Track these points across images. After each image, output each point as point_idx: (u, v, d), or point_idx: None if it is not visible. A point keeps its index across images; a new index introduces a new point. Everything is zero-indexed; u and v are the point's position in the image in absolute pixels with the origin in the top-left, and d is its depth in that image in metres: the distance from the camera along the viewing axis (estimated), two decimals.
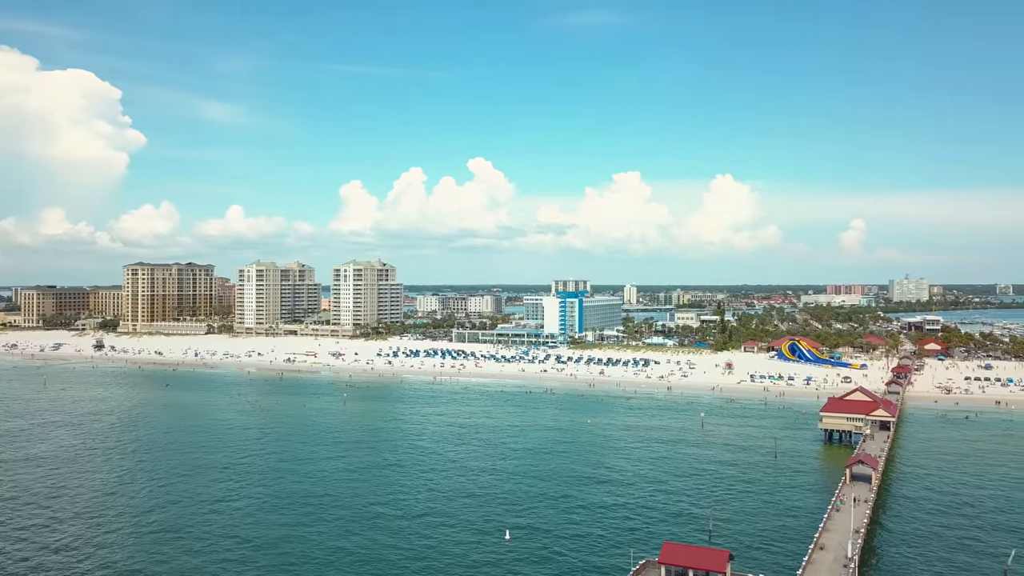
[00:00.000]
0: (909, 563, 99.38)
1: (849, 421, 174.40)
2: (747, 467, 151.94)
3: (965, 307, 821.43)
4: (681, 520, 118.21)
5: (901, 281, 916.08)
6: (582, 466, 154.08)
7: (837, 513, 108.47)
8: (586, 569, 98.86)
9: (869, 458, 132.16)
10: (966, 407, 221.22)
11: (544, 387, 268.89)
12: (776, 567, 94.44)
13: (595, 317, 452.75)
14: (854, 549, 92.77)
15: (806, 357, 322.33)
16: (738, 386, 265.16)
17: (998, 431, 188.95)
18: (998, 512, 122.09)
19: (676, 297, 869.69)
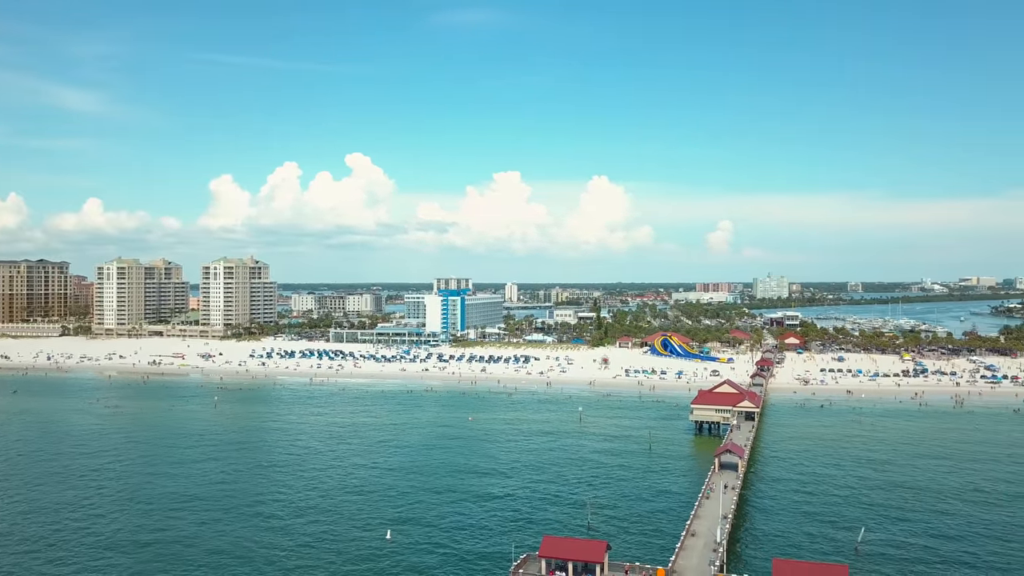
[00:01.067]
0: (773, 543, 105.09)
1: (717, 412, 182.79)
2: (623, 459, 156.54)
3: (821, 303, 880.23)
4: (561, 513, 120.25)
5: (764, 279, 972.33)
6: (463, 461, 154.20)
7: (707, 500, 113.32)
8: (467, 565, 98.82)
9: (736, 447, 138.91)
10: (822, 397, 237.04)
11: (426, 386, 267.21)
12: (651, 555, 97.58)
13: (477, 315, 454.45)
14: (723, 534, 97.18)
15: (677, 352, 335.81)
16: (614, 381, 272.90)
17: (849, 418, 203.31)
18: (850, 492, 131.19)
19: (555, 295, 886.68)
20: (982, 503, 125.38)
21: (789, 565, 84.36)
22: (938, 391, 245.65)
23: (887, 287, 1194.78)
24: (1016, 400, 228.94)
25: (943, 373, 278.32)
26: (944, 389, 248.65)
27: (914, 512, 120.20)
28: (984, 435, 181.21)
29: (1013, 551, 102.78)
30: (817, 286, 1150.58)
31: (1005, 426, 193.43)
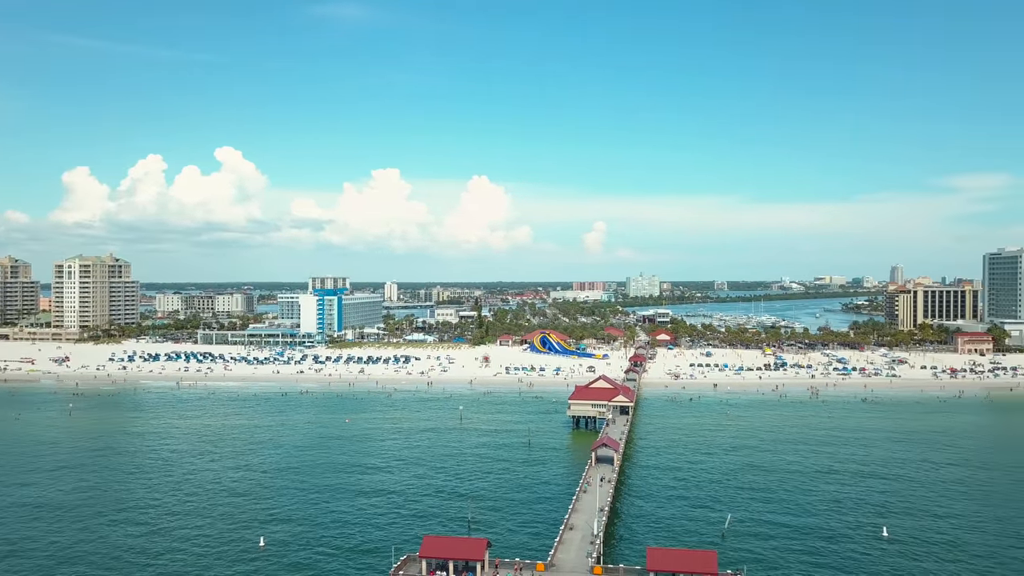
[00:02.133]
0: (647, 532, 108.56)
1: (594, 407, 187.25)
2: (504, 456, 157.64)
3: (690, 301, 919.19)
4: (442, 512, 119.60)
5: (637, 278, 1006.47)
6: (341, 463, 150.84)
7: (584, 494, 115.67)
8: (346, 568, 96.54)
9: (611, 441, 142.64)
10: (691, 390, 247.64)
11: (301, 388, 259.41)
12: (531, 550, 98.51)
13: (355, 315, 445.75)
14: (599, 526, 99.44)
15: (556, 349, 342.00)
16: (494, 379, 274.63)
17: (716, 410, 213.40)
18: (719, 479, 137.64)
19: (436, 294, 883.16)
20: (836, 482, 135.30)
21: (662, 553, 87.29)
22: (796, 383, 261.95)
23: (750, 286, 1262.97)
24: (864, 390, 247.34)
25: (800, 366, 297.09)
26: (801, 381, 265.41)
27: (776, 494, 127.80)
28: (836, 422, 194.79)
29: (862, 522, 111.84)
30: (686, 285, 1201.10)
31: (854, 414, 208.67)
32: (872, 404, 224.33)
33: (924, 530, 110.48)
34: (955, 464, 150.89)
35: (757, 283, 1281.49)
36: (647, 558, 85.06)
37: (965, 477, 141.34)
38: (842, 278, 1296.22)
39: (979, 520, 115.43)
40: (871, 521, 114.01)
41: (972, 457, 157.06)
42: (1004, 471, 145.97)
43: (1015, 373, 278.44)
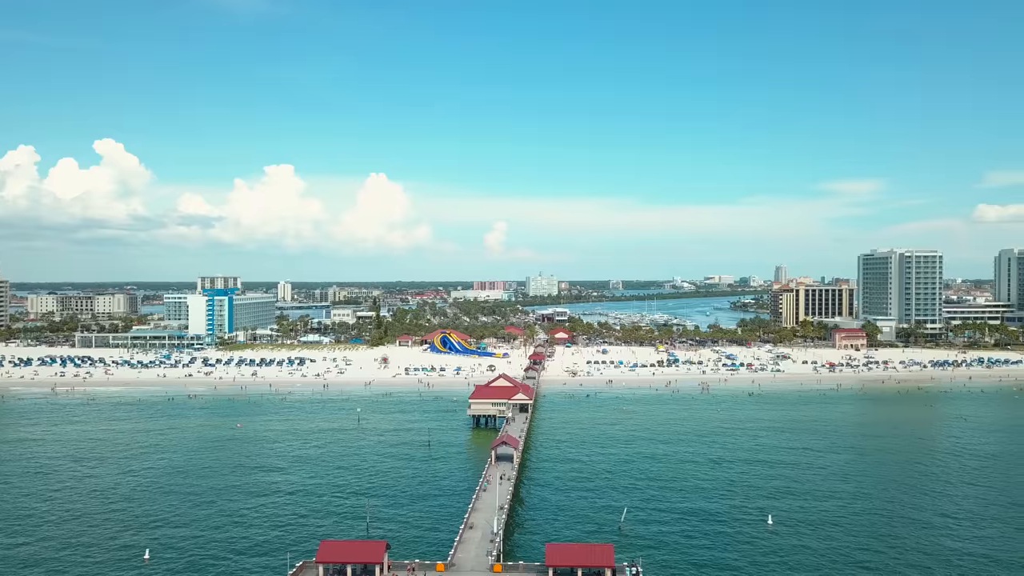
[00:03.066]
0: (546, 528, 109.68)
1: (494, 406, 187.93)
2: (403, 457, 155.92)
3: (587, 300, 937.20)
4: (340, 515, 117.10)
5: (536, 278, 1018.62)
6: (233, 469, 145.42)
7: (484, 492, 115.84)
8: (241, 575, 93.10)
9: (511, 439, 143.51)
10: (588, 387, 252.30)
11: (189, 392, 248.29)
12: (431, 550, 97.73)
13: (247, 316, 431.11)
14: (499, 524, 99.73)
15: (456, 349, 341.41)
16: (394, 380, 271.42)
17: (612, 406, 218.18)
18: (615, 474, 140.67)
19: (333, 294, 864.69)
20: (726, 472, 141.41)
21: (560, 548, 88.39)
22: (688, 379, 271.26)
23: (644, 285, 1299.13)
24: (751, 385, 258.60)
25: (692, 362, 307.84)
26: (693, 377, 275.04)
27: (671, 485, 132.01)
28: (725, 415, 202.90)
29: (750, 508, 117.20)
30: (583, 284, 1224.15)
31: (742, 407, 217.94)
32: (758, 397, 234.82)
33: (806, 511, 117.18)
34: (834, 451, 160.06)
35: (651, 282, 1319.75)
36: (546, 554, 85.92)
37: (842, 462, 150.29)
38: (730, 277, 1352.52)
39: (855, 500, 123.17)
40: (758, 506, 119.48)
41: (848, 443, 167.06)
42: (876, 455, 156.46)
43: (886, 366, 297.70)
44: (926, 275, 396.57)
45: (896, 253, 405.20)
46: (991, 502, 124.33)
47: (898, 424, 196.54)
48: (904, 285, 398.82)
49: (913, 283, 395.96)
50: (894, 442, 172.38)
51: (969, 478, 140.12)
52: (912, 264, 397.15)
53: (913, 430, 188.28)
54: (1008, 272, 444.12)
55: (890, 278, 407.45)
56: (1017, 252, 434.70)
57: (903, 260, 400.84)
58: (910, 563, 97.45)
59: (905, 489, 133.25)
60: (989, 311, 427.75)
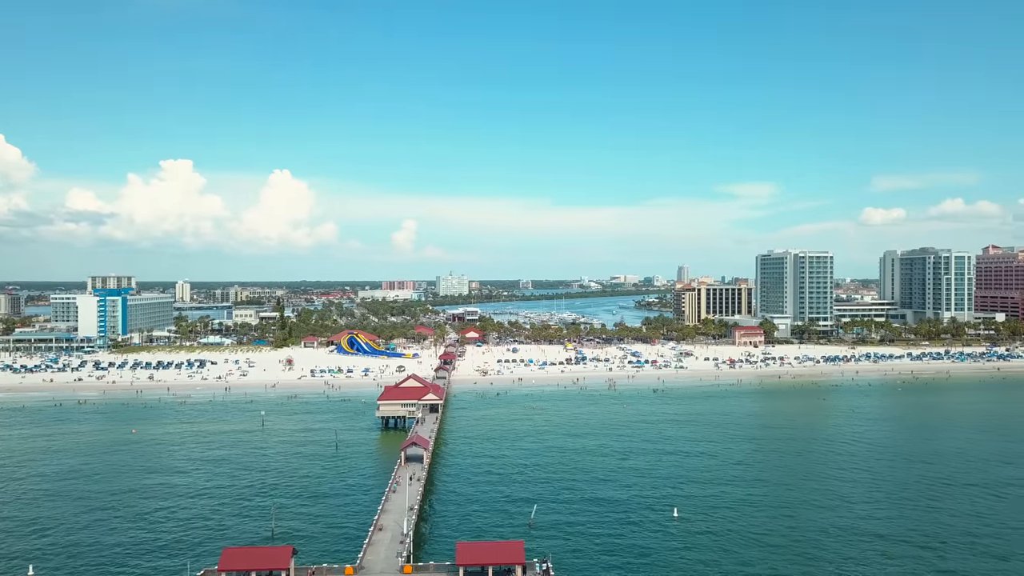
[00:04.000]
0: (457, 528, 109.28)
1: (403, 407, 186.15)
2: (309, 461, 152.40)
3: (497, 300, 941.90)
4: (244, 522, 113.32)
5: (447, 277, 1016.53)
6: (129, 474, 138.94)
7: (394, 494, 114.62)
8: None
9: (421, 439, 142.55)
10: (499, 386, 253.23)
11: (79, 397, 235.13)
12: (340, 554, 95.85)
13: (142, 317, 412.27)
14: (409, 525, 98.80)
15: (364, 349, 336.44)
16: (299, 382, 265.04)
17: (522, 404, 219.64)
18: (525, 471, 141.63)
19: (234, 294, 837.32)
20: (632, 465, 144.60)
21: (471, 547, 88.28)
22: (595, 376, 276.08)
23: (553, 284, 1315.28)
24: (656, 382, 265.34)
25: (599, 360, 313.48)
26: (600, 374, 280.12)
27: (579, 480, 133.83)
28: (631, 410, 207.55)
29: (654, 494, 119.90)
30: (494, 284, 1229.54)
31: (647, 403, 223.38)
32: (662, 394, 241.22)
33: (710, 500, 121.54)
34: (734, 442, 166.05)
35: (560, 282, 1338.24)
36: (456, 553, 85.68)
37: (743, 452, 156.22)
38: (636, 277, 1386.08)
39: (755, 487, 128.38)
40: (665, 497, 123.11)
41: (748, 435, 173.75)
42: (774, 445, 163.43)
43: (782, 362, 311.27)
44: (818, 275, 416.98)
45: (791, 254, 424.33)
46: (878, 486, 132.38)
47: (794, 416, 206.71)
48: (798, 284, 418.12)
49: (807, 282, 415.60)
50: (791, 433, 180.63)
51: (858, 464, 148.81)
52: (806, 264, 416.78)
53: (808, 422, 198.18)
54: (892, 272, 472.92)
55: (785, 278, 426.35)
56: (900, 253, 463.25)
57: (797, 260, 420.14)
58: (806, 540, 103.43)
59: (801, 476, 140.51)
60: (875, 309, 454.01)
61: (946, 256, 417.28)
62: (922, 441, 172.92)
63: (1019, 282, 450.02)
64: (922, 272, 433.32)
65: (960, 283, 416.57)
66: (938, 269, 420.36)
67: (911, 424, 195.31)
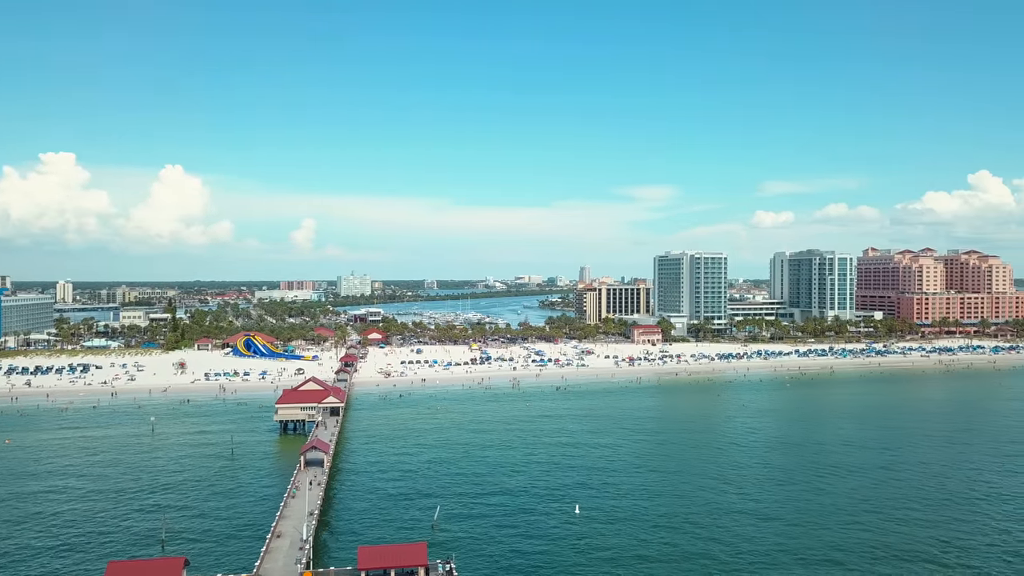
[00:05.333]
0: (359, 532, 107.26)
1: (303, 410, 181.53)
2: (203, 467, 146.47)
3: (401, 300, 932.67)
4: (131, 535, 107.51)
5: (348, 277, 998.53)
6: (1, 486, 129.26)
7: (293, 500, 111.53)
8: None
9: (322, 443, 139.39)
10: (402, 388, 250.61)
11: None
12: (236, 563, 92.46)
13: (18, 319, 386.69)
14: (309, 531, 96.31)
15: (262, 352, 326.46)
16: (192, 386, 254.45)
17: (426, 405, 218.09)
18: (428, 473, 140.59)
19: (122, 295, 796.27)
20: (535, 463, 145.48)
21: (373, 551, 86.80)
22: (500, 375, 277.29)
23: (458, 284, 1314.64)
24: (559, 380, 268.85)
25: (503, 359, 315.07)
26: (504, 373, 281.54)
27: (483, 479, 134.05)
28: (535, 408, 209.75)
29: (557, 491, 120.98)
30: (398, 284, 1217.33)
31: (548, 400, 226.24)
32: (565, 392, 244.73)
33: (611, 495, 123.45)
34: (634, 438, 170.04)
35: (465, 282, 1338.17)
36: (358, 557, 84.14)
37: (642, 448, 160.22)
38: (539, 277, 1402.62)
39: (653, 479, 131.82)
40: (567, 494, 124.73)
41: (647, 430, 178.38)
42: (672, 439, 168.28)
43: (678, 360, 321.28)
44: (713, 275, 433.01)
45: (687, 255, 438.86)
46: (769, 474, 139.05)
47: (690, 411, 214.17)
48: (694, 284, 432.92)
49: (702, 283, 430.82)
50: (687, 426, 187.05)
51: (751, 454, 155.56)
52: (701, 265, 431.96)
53: (703, 416, 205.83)
54: (781, 272, 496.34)
55: (682, 278, 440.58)
56: (788, 255, 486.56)
57: (693, 261, 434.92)
58: (704, 524, 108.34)
59: (697, 466, 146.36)
60: (766, 308, 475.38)
61: (830, 258, 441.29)
62: (809, 432, 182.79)
63: (895, 283, 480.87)
64: (808, 273, 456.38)
65: (843, 283, 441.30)
66: (823, 270, 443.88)
67: (798, 416, 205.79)
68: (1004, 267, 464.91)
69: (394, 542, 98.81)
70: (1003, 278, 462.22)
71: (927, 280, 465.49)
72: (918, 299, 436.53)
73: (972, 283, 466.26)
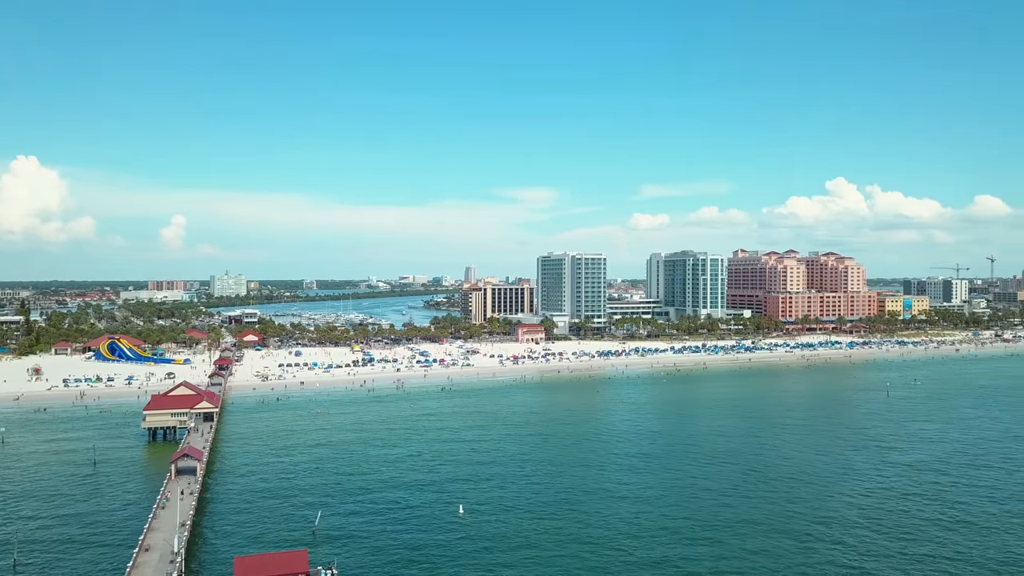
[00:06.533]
0: (235, 541, 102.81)
1: (173, 417, 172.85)
2: (63, 480, 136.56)
3: (279, 301, 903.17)
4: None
5: (222, 277, 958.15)
6: None
7: (163, 511, 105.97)
8: None
9: (194, 450, 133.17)
10: (280, 391, 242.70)
11: None
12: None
13: None
14: (180, 543, 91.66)
15: (128, 356, 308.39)
16: (49, 393, 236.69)
17: (306, 409, 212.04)
18: (309, 478, 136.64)
19: None
20: (419, 465, 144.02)
21: (250, 560, 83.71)
22: (383, 377, 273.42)
23: (340, 284, 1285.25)
24: (445, 380, 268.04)
25: (387, 361, 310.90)
26: (388, 375, 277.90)
27: (367, 482, 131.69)
28: (419, 409, 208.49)
29: (441, 492, 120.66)
30: (275, 284, 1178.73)
31: (433, 401, 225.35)
32: (450, 392, 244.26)
33: (494, 492, 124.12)
34: (519, 435, 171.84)
35: (346, 282, 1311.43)
36: (234, 568, 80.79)
37: (528, 445, 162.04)
38: (424, 277, 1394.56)
39: (537, 474, 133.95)
40: (451, 494, 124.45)
41: (532, 427, 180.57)
42: (556, 433, 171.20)
43: (560, 358, 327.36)
44: (593, 275, 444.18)
45: (569, 256, 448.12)
46: (647, 465, 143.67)
47: (572, 407, 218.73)
48: (575, 284, 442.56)
49: (583, 283, 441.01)
50: (569, 422, 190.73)
51: (629, 448, 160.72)
52: (582, 266, 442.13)
53: (584, 412, 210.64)
54: (657, 273, 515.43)
55: (564, 278, 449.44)
56: (664, 256, 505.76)
57: (574, 262, 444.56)
58: (585, 514, 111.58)
59: (578, 458, 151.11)
60: (643, 307, 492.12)
61: (702, 259, 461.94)
62: (683, 423, 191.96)
63: (762, 282, 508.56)
64: (683, 273, 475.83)
65: (714, 283, 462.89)
66: (696, 270, 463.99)
67: (674, 409, 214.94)
68: (859, 268, 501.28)
69: (273, 550, 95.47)
70: (858, 278, 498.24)
71: (791, 280, 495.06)
72: (783, 298, 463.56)
73: (830, 283, 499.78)
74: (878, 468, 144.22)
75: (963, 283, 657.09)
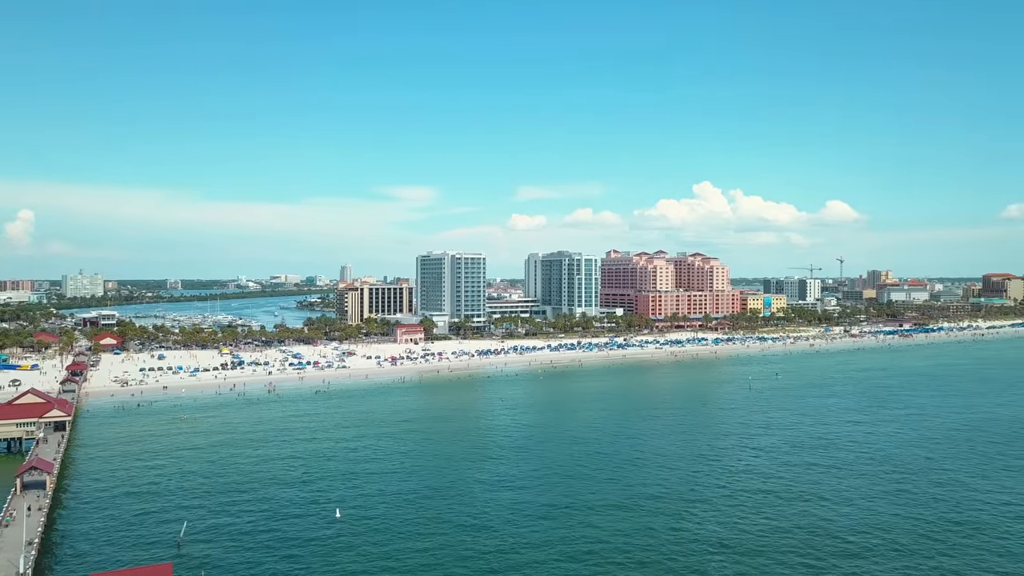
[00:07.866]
0: (90, 558, 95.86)
1: (19, 427, 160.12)
2: None
3: (140, 302, 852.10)
4: None
5: (76, 276, 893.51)
6: None
7: (7, 528, 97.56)
8: None
9: (43, 463, 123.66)
10: (140, 397, 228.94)
11: None
12: None
13: None
14: (27, 563, 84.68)
15: None
16: None
17: (169, 415, 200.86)
18: (173, 488, 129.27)
19: None
20: (290, 464, 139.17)
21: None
22: (254, 380, 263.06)
23: (207, 284, 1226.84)
24: (321, 383, 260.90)
25: (258, 363, 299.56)
26: (260, 378, 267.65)
27: (235, 489, 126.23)
28: (291, 412, 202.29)
29: (318, 497, 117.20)
30: (136, 284, 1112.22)
31: (307, 404, 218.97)
32: (325, 394, 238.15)
33: (373, 496, 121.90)
34: (398, 436, 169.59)
35: (214, 282, 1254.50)
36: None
37: (406, 445, 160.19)
38: (297, 277, 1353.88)
39: (414, 476, 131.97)
40: (327, 499, 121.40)
41: (411, 427, 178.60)
42: (435, 432, 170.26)
43: (440, 358, 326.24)
44: (473, 275, 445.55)
45: (448, 255, 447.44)
46: (528, 462, 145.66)
47: (451, 407, 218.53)
48: (455, 284, 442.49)
49: (463, 282, 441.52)
50: (448, 421, 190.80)
51: (510, 444, 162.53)
52: (461, 265, 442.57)
53: (463, 410, 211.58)
54: (535, 272, 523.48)
55: (444, 278, 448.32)
56: (541, 256, 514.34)
57: (454, 261, 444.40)
58: (470, 514, 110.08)
59: (457, 454, 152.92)
60: (521, 306, 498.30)
61: (578, 259, 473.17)
62: (560, 417, 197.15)
63: (634, 282, 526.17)
64: (559, 273, 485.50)
65: (589, 283, 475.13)
66: (572, 270, 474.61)
67: (550, 405, 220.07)
68: (723, 268, 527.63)
69: (134, 566, 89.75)
70: (722, 278, 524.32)
71: (660, 279, 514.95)
72: (653, 297, 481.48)
73: (697, 282, 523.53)
74: (740, 452, 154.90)
75: (816, 283, 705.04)
